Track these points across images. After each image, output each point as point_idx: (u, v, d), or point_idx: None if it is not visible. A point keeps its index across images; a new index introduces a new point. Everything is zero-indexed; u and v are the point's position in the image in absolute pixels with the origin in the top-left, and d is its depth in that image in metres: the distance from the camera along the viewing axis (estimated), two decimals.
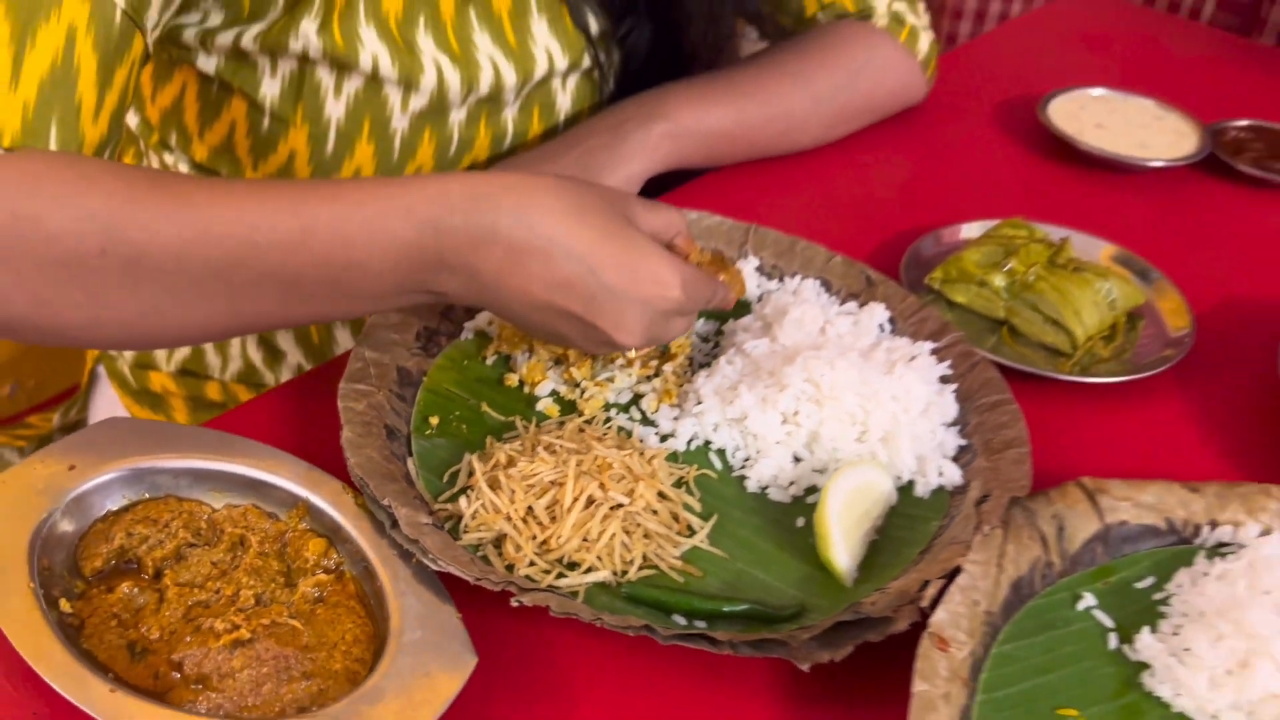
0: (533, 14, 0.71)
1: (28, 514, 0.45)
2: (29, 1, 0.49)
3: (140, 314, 0.48)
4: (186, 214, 0.46)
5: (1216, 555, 0.49)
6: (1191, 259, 0.70)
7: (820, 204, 0.73)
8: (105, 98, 0.52)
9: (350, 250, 0.47)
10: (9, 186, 0.46)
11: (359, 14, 0.63)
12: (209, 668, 0.41)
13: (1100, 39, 1.00)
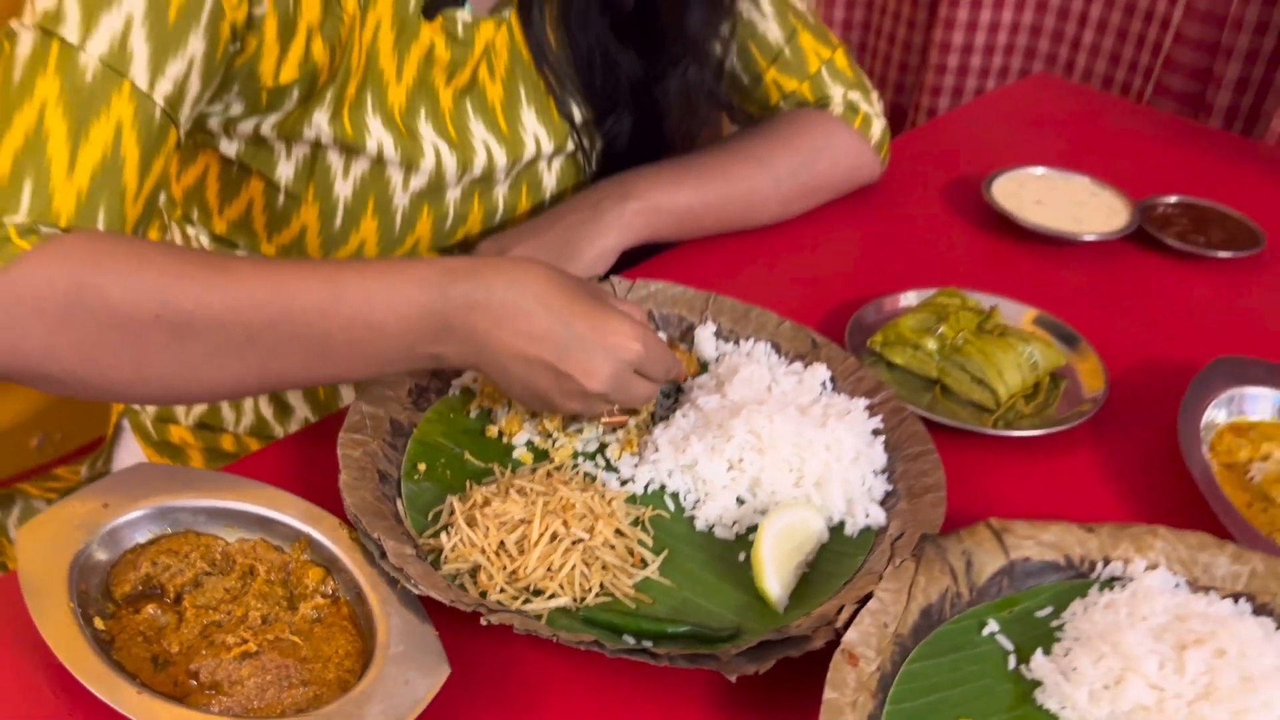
0: (522, 104, 0.79)
1: (67, 545, 0.52)
2: (84, 101, 0.58)
3: (178, 373, 0.56)
4: (231, 285, 0.54)
5: (1107, 587, 0.55)
6: (1115, 324, 0.77)
7: (776, 275, 0.80)
8: (145, 183, 0.61)
9: (373, 312, 0.55)
10: (72, 261, 0.54)
11: (367, 106, 0.71)
12: (221, 676, 0.48)
13: (1048, 120, 1.08)
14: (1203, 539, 0.56)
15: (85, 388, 0.57)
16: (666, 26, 0.82)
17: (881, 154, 0.90)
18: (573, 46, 0.82)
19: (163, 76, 0.60)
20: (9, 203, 0.56)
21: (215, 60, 0.63)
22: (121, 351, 0.55)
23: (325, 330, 0.55)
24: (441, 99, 0.74)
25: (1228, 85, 1.25)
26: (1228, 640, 0.50)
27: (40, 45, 0.58)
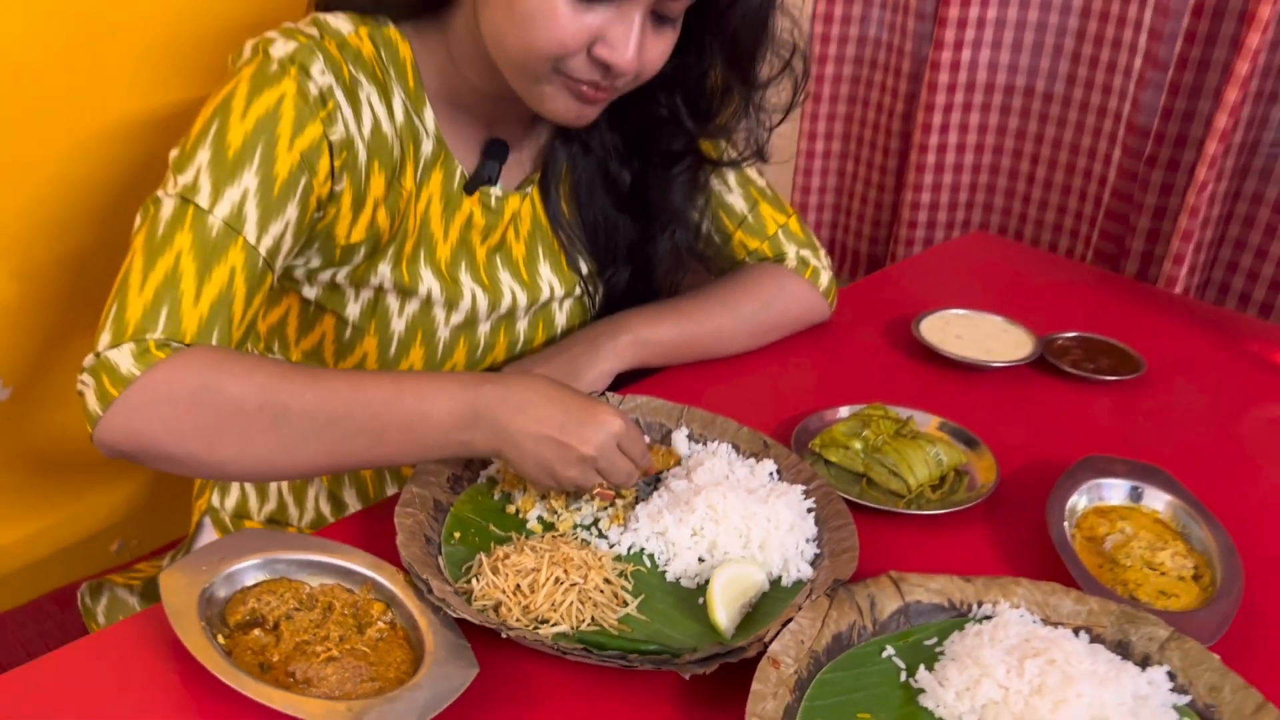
0: (540, 259, 1.00)
1: (196, 584, 0.70)
2: (209, 251, 0.78)
3: (272, 453, 0.75)
4: (318, 384, 0.74)
5: (979, 622, 0.72)
6: (1012, 433, 0.96)
7: (739, 393, 0.99)
8: (247, 313, 0.81)
9: (421, 404, 0.75)
10: (199, 365, 0.74)
11: (420, 259, 0.92)
12: (311, 674, 0.65)
13: (976, 270, 1.29)
14: (1054, 587, 0.74)
15: (197, 464, 0.76)
16: (655, 200, 1.04)
17: (829, 299, 1.11)
18: (581, 215, 1.03)
19: (266, 234, 0.81)
20: (150, 323, 0.76)
21: (304, 223, 0.84)
22: (231, 434, 0.74)
23: (386, 419, 0.75)
24: (478, 254, 0.95)
25: (1140, 234, 1.47)
26: (1057, 653, 0.67)
27: (179, 209, 0.79)
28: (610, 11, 0.80)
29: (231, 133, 0.80)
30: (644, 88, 0.92)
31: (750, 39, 0.90)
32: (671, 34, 0.85)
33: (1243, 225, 1.43)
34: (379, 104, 0.87)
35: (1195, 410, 1.03)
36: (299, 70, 0.81)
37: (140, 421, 0.74)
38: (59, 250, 1.12)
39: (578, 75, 0.82)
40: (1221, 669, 0.68)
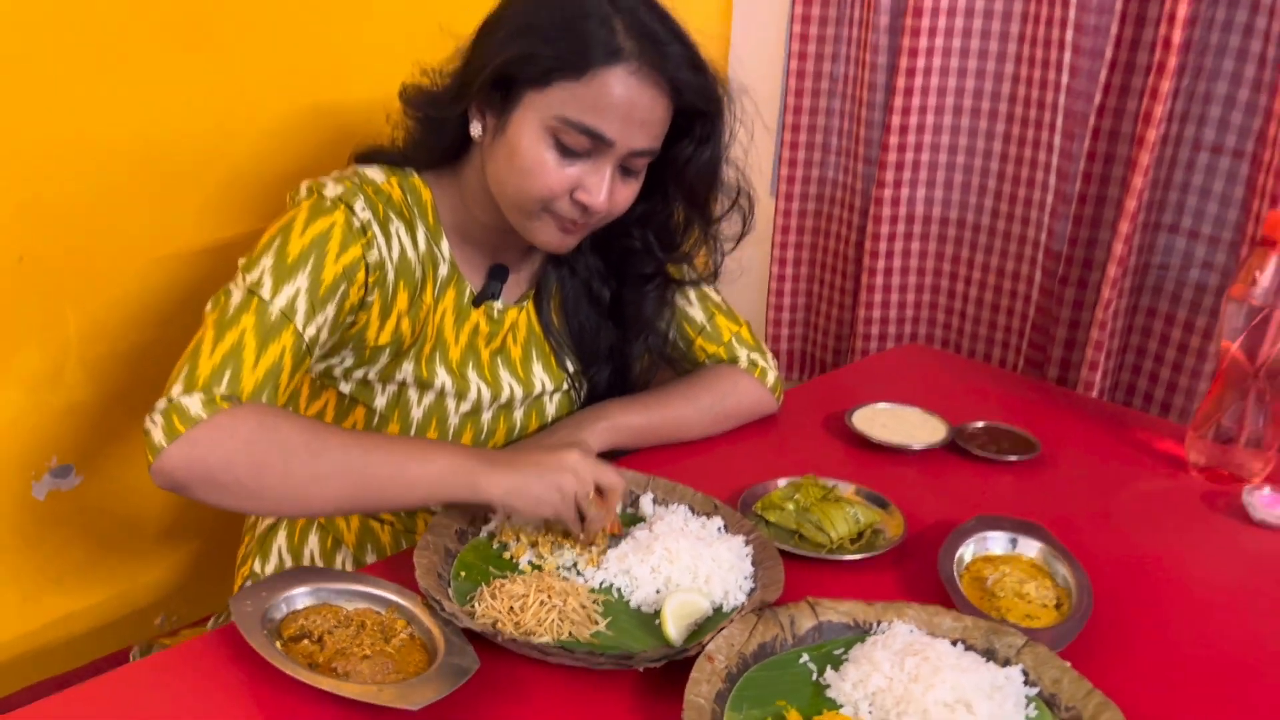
0: (534, 360, 1.22)
1: (259, 606, 0.89)
2: (266, 331, 0.99)
3: (308, 482, 0.94)
4: (352, 433, 0.95)
5: (876, 636, 0.91)
6: (923, 500, 1.16)
7: (697, 467, 1.20)
8: (289, 385, 1.02)
9: (427, 456, 0.95)
10: (257, 412, 0.94)
11: (436, 359, 1.14)
12: (350, 669, 0.84)
13: (905, 373, 1.51)
14: (938, 609, 0.93)
15: (241, 490, 0.94)
16: (631, 313, 1.26)
17: (775, 394, 1.32)
18: (569, 324, 1.25)
19: (311, 324, 1.03)
20: (216, 381, 0.97)
21: (340, 321, 1.06)
22: (276, 466, 0.94)
23: (405, 460, 0.95)
24: (482, 355, 1.17)
25: (1059, 344, 1.69)
26: (932, 653, 0.85)
27: (246, 298, 1.01)
28: (587, 164, 1.03)
29: (291, 245, 1.03)
30: (622, 224, 1.15)
31: (704, 186, 1.14)
32: (636, 182, 1.09)
33: (1142, 335, 1.66)
34: (405, 236, 1.10)
35: (1078, 483, 1.23)
36: (346, 207, 1.05)
37: (200, 452, 0.93)
38: (125, 351, 1.34)
39: (562, 214, 1.05)
40: (1062, 666, 0.86)
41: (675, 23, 1.06)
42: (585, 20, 1.01)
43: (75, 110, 1.22)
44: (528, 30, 1.03)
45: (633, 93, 1.01)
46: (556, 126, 1.02)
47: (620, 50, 1.01)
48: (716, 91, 1.09)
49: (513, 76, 1.03)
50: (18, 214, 1.21)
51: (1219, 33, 1.50)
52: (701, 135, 1.10)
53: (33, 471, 1.31)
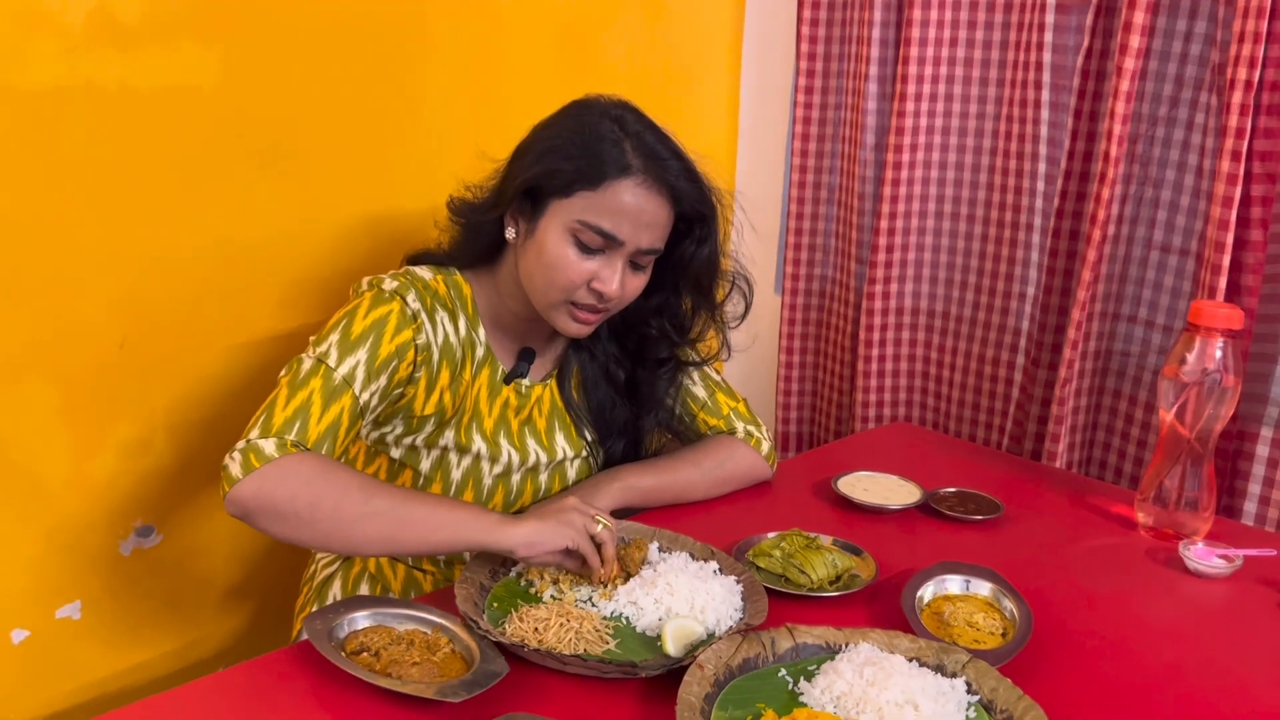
0: (556, 430, 1.41)
1: (326, 625, 1.07)
2: (330, 394, 1.18)
3: (354, 520, 1.12)
4: (396, 487, 1.14)
5: (843, 653, 1.07)
6: (895, 552, 1.32)
7: (699, 525, 1.37)
8: (344, 441, 1.21)
9: (457, 506, 1.14)
10: (320, 459, 1.13)
11: (473, 428, 1.33)
12: (402, 673, 1.01)
13: (889, 447, 1.68)
14: (898, 633, 1.09)
15: (299, 522, 1.12)
16: (644, 391, 1.45)
17: (770, 462, 1.50)
18: (588, 400, 1.45)
19: (366, 391, 1.22)
20: (287, 430, 1.15)
21: (390, 391, 1.25)
22: (329, 503, 1.12)
23: (444, 512, 1.14)
24: (512, 425, 1.36)
25: (1033, 420, 1.86)
26: (888, 664, 1.02)
27: (315, 365, 1.20)
28: (602, 259, 1.24)
29: (355, 325, 1.23)
30: (640, 315, 1.36)
31: (706, 277, 1.34)
32: (644, 275, 1.29)
33: (1109, 415, 1.83)
34: (449, 324, 1.31)
35: (1036, 539, 1.39)
36: (401, 298, 1.26)
37: (269, 486, 1.12)
38: (204, 425, 1.55)
39: (580, 302, 1.26)
40: (999, 677, 1.02)
41: (674, 143, 1.28)
42: (601, 143, 1.23)
43: (169, 218, 1.45)
44: (553, 151, 1.25)
45: (640, 200, 1.23)
46: (576, 228, 1.23)
47: (629, 166, 1.23)
48: (710, 198, 1.30)
49: (541, 188, 1.25)
50: (120, 306, 1.43)
51: (1160, 148, 1.71)
52: (700, 235, 1.31)
53: (120, 530, 1.51)
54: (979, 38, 1.87)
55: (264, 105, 1.51)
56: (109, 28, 1.35)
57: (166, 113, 1.42)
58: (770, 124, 2.23)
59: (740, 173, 2.28)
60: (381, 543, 1.16)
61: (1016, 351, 1.92)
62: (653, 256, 1.28)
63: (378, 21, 1.60)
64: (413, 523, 1.14)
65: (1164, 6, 1.66)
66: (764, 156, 2.26)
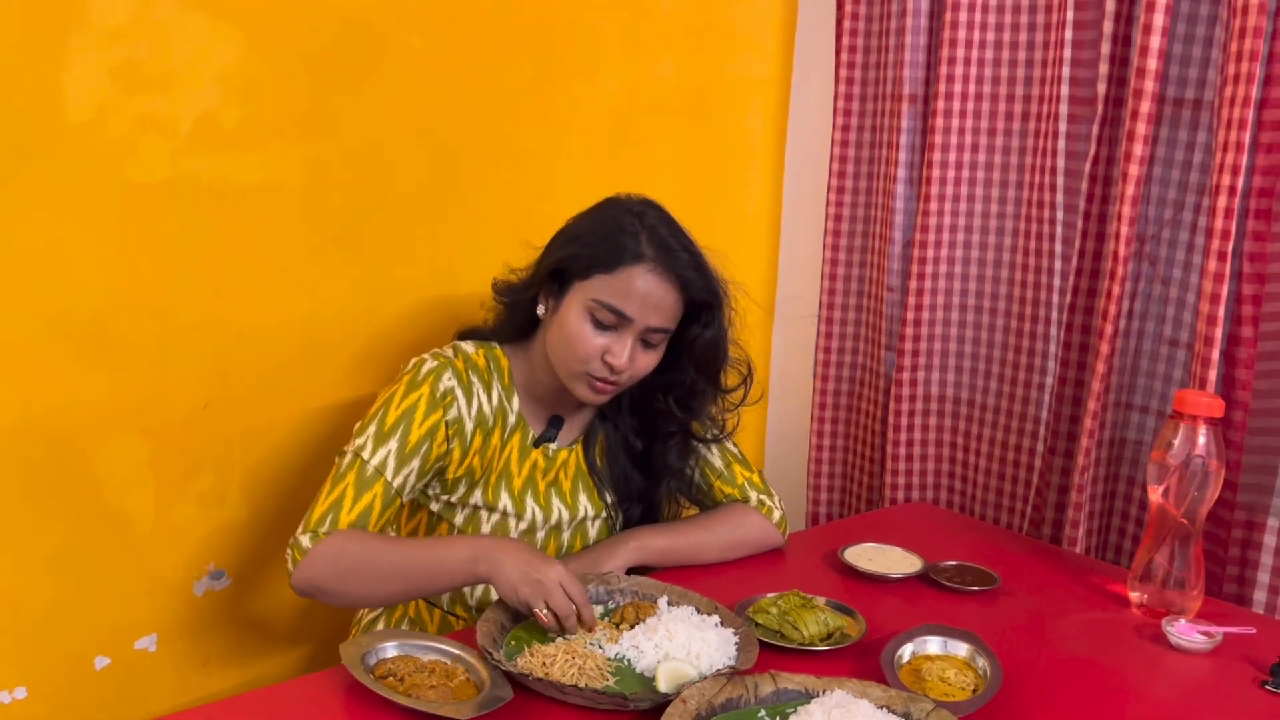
0: (580, 491, 1.55)
1: (359, 651, 1.21)
2: (363, 484, 1.35)
3: (374, 581, 1.29)
4: (399, 546, 1.32)
5: (819, 698, 1.18)
6: (890, 615, 1.42)
7: (711, 585, 1.49)
8: (378, 523, 1.37)
9: (451, 550, 1.29)
10: (340, 539, 1.30)
11: (501, 489, 1.48)
12: (421, 694, 1.15)
13: (900, 523, 1.78)
14: (872, 684, 1.19)
15: (338, 592, 1.32)
16: (658, 462, 1.59)
17: (781, 530, 1.62)
18: (610, 468, 1.59)
19: (399, 476, 1.38)
20: (321, 524, 1.33)
21: (425, 470, 1.41)
22: (353, 575, 1.30)
23: (437, 559, 1.30)
24: (539, 485, 1.51)
25: (1051, 506, 1.94)
26: (854, 708, 1.12)
27: (352, 459, 1.37)
28: (614, 335, 1.40)
29: (388, 416, 1.40)
30: (651, 391, 1.50)
31: (709, 358, 1.48)
32: (655, 353, 1.44)
33: (1124, 501, 1.90)
34: (484, 394, 1.47)
35: (1027, 610, 1.48)
36: (434, 379, 1.42)
37: (307, 574, 1.32)
38: (277, 481, 1.72)
39: (595, 374, 1.41)
40: None
41: (687, 237, 1.44)
42: (620, 234, 1.40)
43: (254, 295, 1.65)
44: (579, 239, 1.43)
45: (649, 285, 1.39)
46: (593, 306, 1.39)
47: (642, 255, 1.39)
48: (715, 288, 1.45)
49: (566, 270, 1.42)
50: (207, 372, 1.63)
51: (1167, 248, 1.81)
52: (705, 320, 1.46)
53: (195, 572, 1.68)
54: (999, 144, 2.01)
55: (340, 198, 1.71)
56: (212, 131, 1.57)
57: (257, 204, 1.63)
58: (811, 221, 2.38)
59: (782, 266, 2.43)
60: (404, 592, 1.36)
61: (1037, 439, 2.00)
62: (663, 336, 1.43)
63: (441, 123, 1.81)
64: (419, 572, 1.32)
65: (1166, 118, 1.78)
66: (802, 251, 2.41)
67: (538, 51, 1.91)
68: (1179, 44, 1.75)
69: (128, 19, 1.47)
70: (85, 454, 1.55)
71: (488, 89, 1.86)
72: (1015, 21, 1.96)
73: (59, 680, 1.58)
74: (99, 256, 1.51)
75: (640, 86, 2.09)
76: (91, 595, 1.59)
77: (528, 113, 1.92)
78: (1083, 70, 1.84)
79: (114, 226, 1.51)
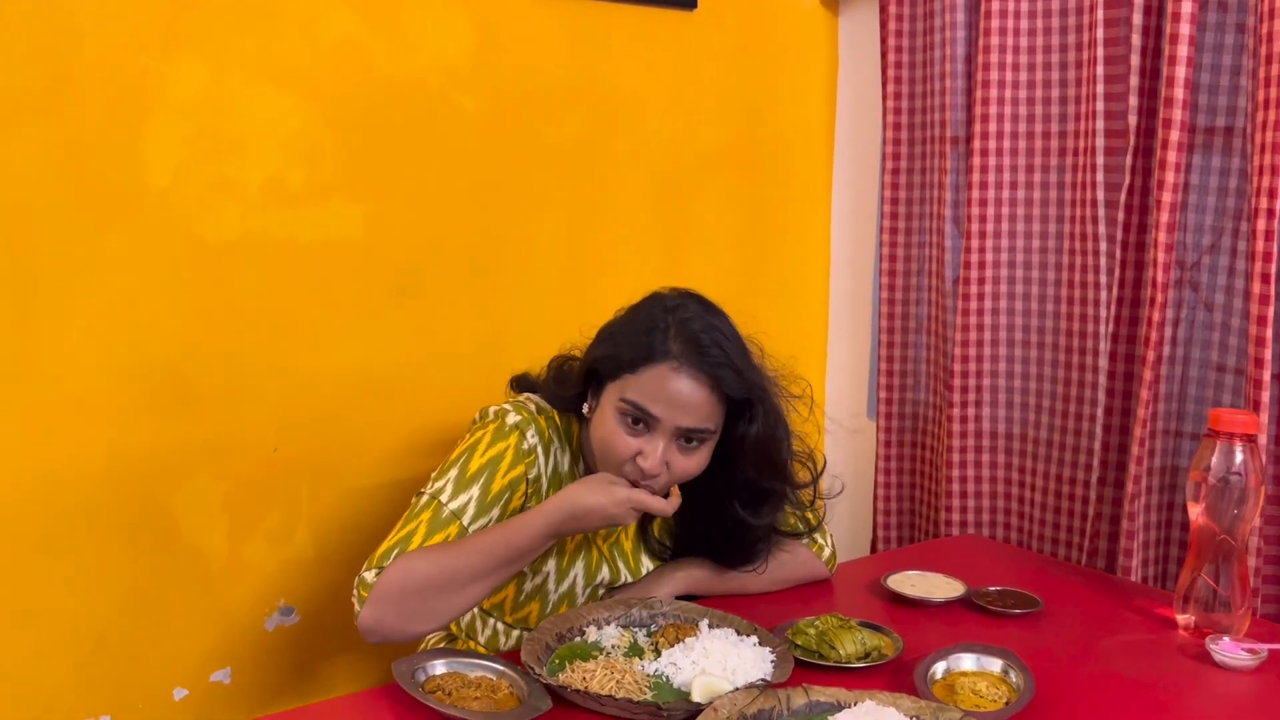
0: (641, 552, 1.59)
1: (411, 668, 1.28)
2: (437, 525, 1.38)
3: (441, 596, 1.33)
4: (466, 546, 1.35)
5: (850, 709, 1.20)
6: (930, 638, 1.44)
7: (756, 610, 1.52)
8: None
9: (523, 529, 1.34)
10: (401, 562, 1.34)
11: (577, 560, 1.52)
12: (465, 705, 1.21)
13: (949, 553, 1.79)
14: (903, 695, 1.21)
15: (416, 618, 1.34)
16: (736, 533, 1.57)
17: (830, 566, 1.65)
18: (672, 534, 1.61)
19: (476, 524, 1.43)
20: (385, 559, 1.35)
21: (501, 519, 1.46)
22: (416, 601, 1.33)
23: (507, 543, 1.34)
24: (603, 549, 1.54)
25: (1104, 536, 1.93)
26: (880, 715, 1.15)
27: (429, 501, 1.42)
28: (646, 437, 1.40)
29: (473, 462, 1.44)
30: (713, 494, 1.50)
31: (762, 454, 1.45)
32: (698, 454, 1.43)
33: (1180, 530, 1.89)
34: (560, 455, 1.50)
35: (1067, 632, 1.48)
36: (519, 434, 1.47)
37: (375, 611, 1.33)
38: (342, 521, 1.81)
39: (629, 475, 1.42)
40: None
41: (722, 331, 1.40)
42: (650, 332, 1.41)
43: (319, 346, 1.76)
44: (612, 338, 1.45)
45: (676, 383, 1.37)
46: (622, 406, 1.41)
47: (668, 352, 1.37)
48: (755, 381, 1.41)
49: (599, 371, 1.46)
50: (276, 417, 1.74)
51: (1208, 274, 1.82)
52: (750, 416, 1.43)
53: (267, 608, 1.77)
54: (1037, 179, 2.04)
55: (397, 253, 1.82)
56: (279, 192, 1.69)
57: (320, 259, 1.74)
58: (862, 262, 2.43)
59: (833, 311, 2.48)
60: (483, 589, 1.36)
61: (1089, 470, 2.00)
62: (704, 436, 1.42)
63: (492, 181, 1.91)
64: (494, 569, 1.35)
65: (1198, 146, 1.80)
66: (853, 291, 2.45)
67: (585, 110, 2.02)
68: (1206, 74, 1.78)
69: (201, 91, 1.61)
70: (164, 496, 1.66)
71: (537, 147, 1.96)
72: (1046, 61, 2.01)
73: (140, 710, 1.67)
74: (176, 311, 1.63)
75: (685, 140, 2.18)
76: (170, 629, 1.69)
77: (576, 169, 2.02)
78: (1115, 104, 1.88)
79: (189, 282, 1.64)
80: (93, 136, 1.54)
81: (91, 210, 1.55)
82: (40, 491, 1.55)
